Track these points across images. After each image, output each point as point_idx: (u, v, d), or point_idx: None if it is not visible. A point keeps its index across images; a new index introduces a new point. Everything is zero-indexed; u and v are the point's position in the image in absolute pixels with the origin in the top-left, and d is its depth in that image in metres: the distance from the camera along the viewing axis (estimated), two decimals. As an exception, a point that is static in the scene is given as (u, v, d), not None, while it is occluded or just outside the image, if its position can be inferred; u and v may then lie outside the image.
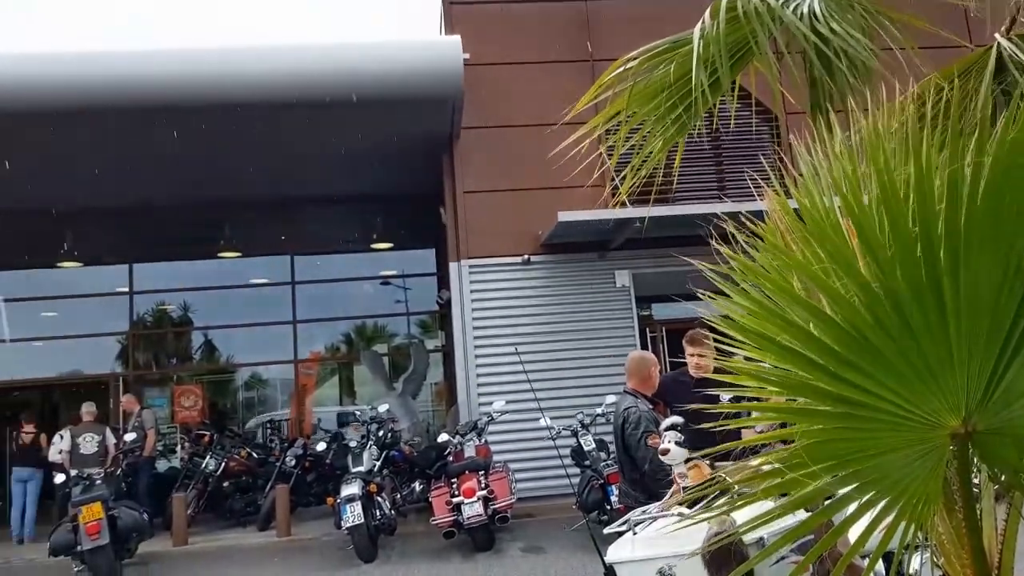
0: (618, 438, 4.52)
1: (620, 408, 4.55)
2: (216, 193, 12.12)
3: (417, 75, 9.13)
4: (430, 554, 7.93)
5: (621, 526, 3.54)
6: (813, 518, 1.77)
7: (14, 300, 13.73)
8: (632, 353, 5.10)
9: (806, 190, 1.90)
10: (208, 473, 10.43)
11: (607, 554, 3.48)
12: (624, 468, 4.58)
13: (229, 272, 13.95)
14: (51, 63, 8.86)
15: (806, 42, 2.80)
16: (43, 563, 8.71)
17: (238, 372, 14.57)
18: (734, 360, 1.81)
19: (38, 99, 8.61)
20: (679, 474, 3.71)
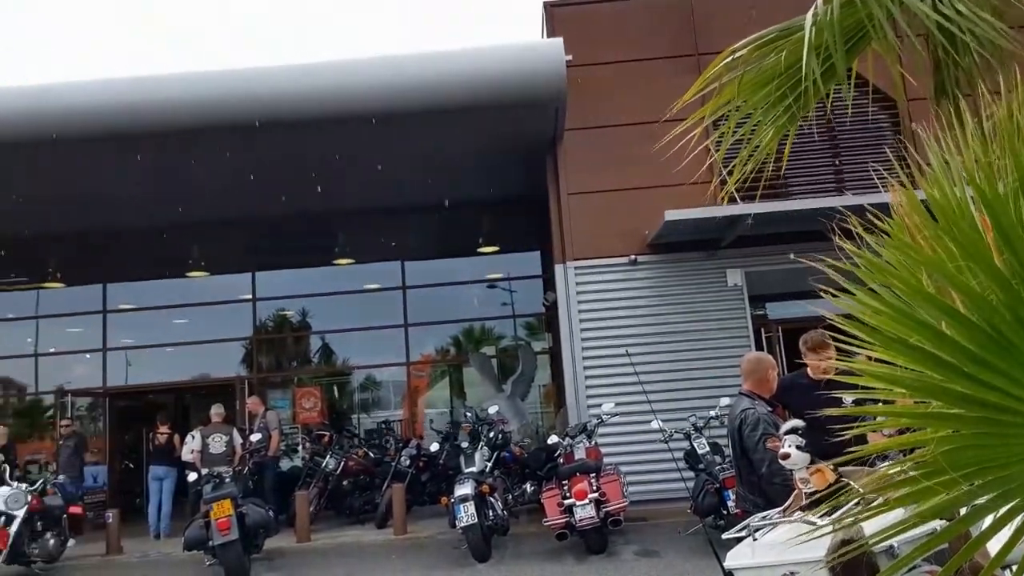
0: (735, 441, 4.41)
1: (736, 410, 4.44)
2: (330, 204, 12.58)
3: (520, 79, 9.20)
4: (543, 555, 7.96)
5: (740, 531, 3.45)
6: (951, 528, 1.67)
7: (149, 308, 14.70)
8: (748, 354, 4.98)
9: (935, 181, 1.80)
10: (328, 472, 10.84)
11: (726, 559, 3.40)
12: (741, 472, 4.46)
13: (344, 278, 14.46)
14: (167, 84, 9.40)
15: (929, 23, 2.66)
16: (178, 557, 9.27)
17: (353, 374, 15.06)
18: (857, 361, 1.74)
19: (162, 120, 9.13)
20: (801, 479, 3.59)
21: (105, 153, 9.84)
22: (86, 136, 9.21)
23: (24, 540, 8.80)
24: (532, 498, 9.80)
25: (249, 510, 8.22)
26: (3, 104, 9.18)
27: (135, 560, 9.75)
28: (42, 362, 14.96)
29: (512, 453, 10.20)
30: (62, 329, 14.95)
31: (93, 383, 14.39)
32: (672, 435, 8.12)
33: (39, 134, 9.13)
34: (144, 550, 10.27)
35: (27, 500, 8.84)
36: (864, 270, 1.75)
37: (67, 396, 14.27)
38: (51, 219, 12.37)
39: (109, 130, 9.13)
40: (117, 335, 14.47)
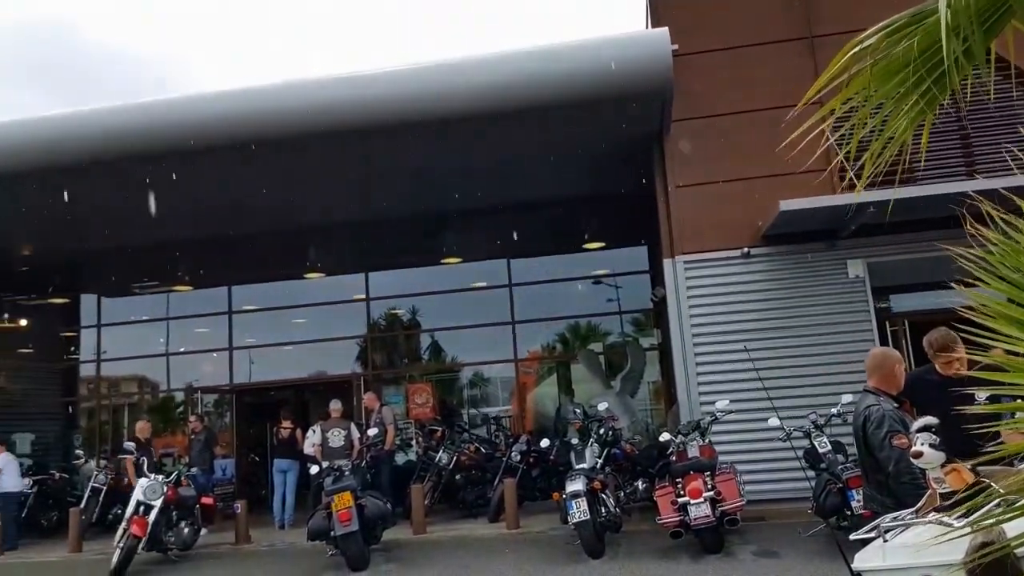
0: (859, 439, 4.23)
1: (861, 407, 4.26)
2: (437, 205, 12.85)
3: (625, 73, 9.08)
4: (657, 553, 7.86)
5: (869, 532, 3.32)
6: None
7: (270, 309, 15.41)
8: (874, 349, 4.78)
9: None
10: (441, 466, 11.07)
11: (854, 561, 3.27)
12: (868, 471, 4.28)
13: (451, 277, 14.73)
14: (276, 93, 9.80)
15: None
16: (302, 546, 9.66)
17: (463, 371, 15.32)
18: (994, 354, 1.63)
19: (277, 128, 9.52)
20: (935, 479, 3.41)
21: (234, 162, 10.38)
22: (221, 144, 9.70)
23: (161, 528, 9.38)
24: (644, 496, 9.70)
25: (368, 502, 8.49)
26: (157, 115, 9.77)
27: (263, 549, 10.25)
28: (173, 361, 15.93)
29: (622, 450, 10.12)
30: (191, 330, 15.87)
31: (220, 381, 15.21)
32: (791, 433, 7.87)
33: (174, 145, 9.69)
34: (271, 539, 10.78)
35: (163, 491, 9.41)
36: (1001, 256, 1.64)
37: (197, 393, 15.15)
38: (180, 227, 13.14)
39: (235, 138, 9.60)
40: (242, 335, 15.23)
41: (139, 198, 11.65)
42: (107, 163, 9.97)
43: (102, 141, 9.77)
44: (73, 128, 9.93)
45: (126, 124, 9.78)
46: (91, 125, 9.86)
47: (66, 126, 10.00)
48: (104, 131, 9.79)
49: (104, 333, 16.06)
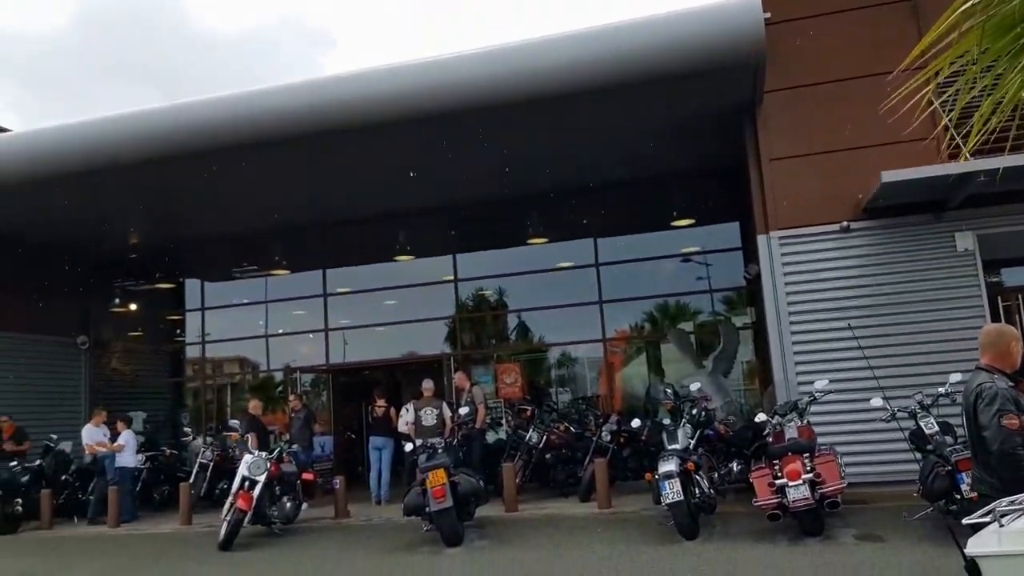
0: (970, 419, 4.03)
1: (972, 385, 4.06)
2: (523, 185, 12.85)
3: (716, 44, 8.82)
4: (754, 535, 7.71)
5: (983, 517, 3.17)
6: None
7: (363, 291, 15.79)
8: (988, 326, 4.53)
9: None
10: (531, 445, 11.13)
11: (967, 546, 3.13)
12: (977, 452, 4.08)
13: (538, 257, 14.74)
14: (367, 79, 9.94)
15: None
16: (398, 522, 9.91)
17: (550, 351, 15.35)
18: None
19: (376, 113, 9.65)
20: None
21: (327, 150, 10.64)
22: (313, 133, 9.92)
23: (265, 503, 9.78)
24: (739, 477, 9.52)
25: (461, 479, 8.63)
26: (258, 106, 10.10)
27: (361, 523, 10.57)
28: (272, 342, 16.57)
29: (716, 431, 9.93)
30: (288, 312, 16.45)
31: (316, 361, 15.72)
32: (895, 414, 7.57)
33: (270, 134, 9.99)
34: (368, 514, 11.10)
35: (267, 467, 9.80)
36: None
37: (295, 373, 15.71)
38: (277, 214, 13.60)
39: (330, 126, 9.80)
40: (336, 316, 15.67)
41: (238, 188, 12.15)
42: (209, 154, 10.36)
43: (205, 132, 10.15)
44: (178, 120, 10.33)
45: (224, 115, 10.12)
46: (195, 117, 10.26)
47: (169, 119, 10.42)
48: (207, 122, 10.17)
49: (207, 316, 16.81)
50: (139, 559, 9.23)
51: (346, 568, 7.77)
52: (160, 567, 8.67)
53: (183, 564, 8.66)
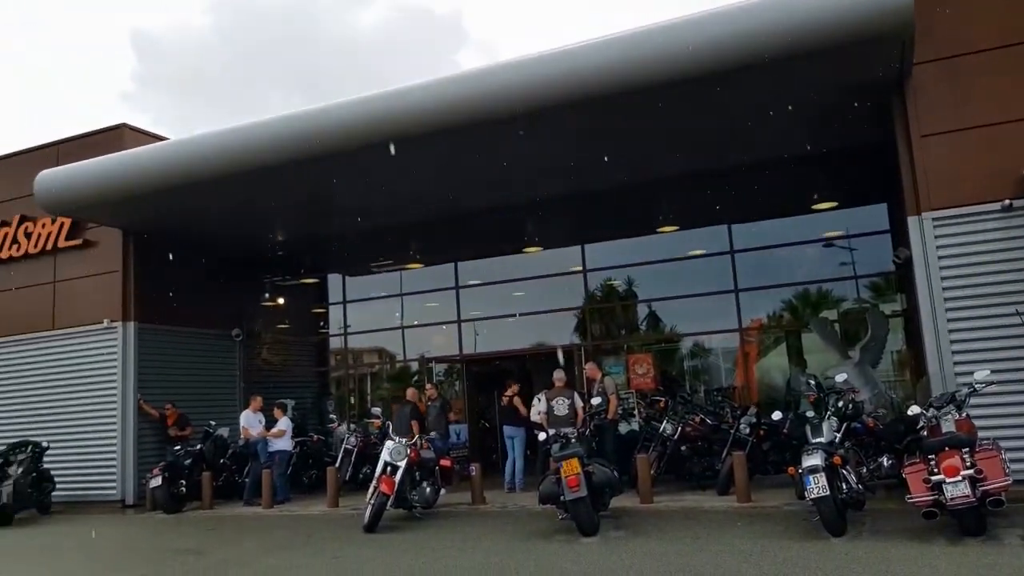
0: None
1: None
2: (653, 173, 12.65)
3: (860, 14, 8.31)
4: (907, 533, 7.29)
5: None
6: None
7: (493, 283, 16.05)
8: None
9: None
10: (666, 437, 10.96)
11: None
12: None
13: (669, 246, 14.47)
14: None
15: None
16: (533, 510, 10.02)
17: (683, 341, 15.06)
18: None
19: (516, 104, 9.72)
20: None
21: (458, 145, 10.87)
22: (449, 128, 10.16)
23: (406, 487, 10.12)
24: (889, 473, 9.03)
25: (595, 469, 8.61)
26: (388, 105, 10.44)
27: (497, 510, 10.76)
28: (407, 333, 17.13)
29: (864, 424, 9.45)
30: (422, 304, 16.95)
31: (450, 351, 16.11)
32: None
33: (404, 132, 10.30)
34: (503, 502, 11.29)
35: (407, 453, 10.13)
36: None
37: (430, 363, 16.17)
38: (411, 210, 14.04)
39: (464, 121, 10.00)
40: (468, 308, 16.00)
41: (377, 186, 12.61)
42: (348, 154, 10.81)
43: (347, 133, 10.60)
44: (320, 122, 10.83)
45: (364, 115, 10.53)
46: (336, 118, 10.72)
47: (312, 122, 10.94)
48: (348, 123, 10.60)
49: (348, 309, 17.57)
50: (292, 538, 9.78)
51: (484, 553, 7.93)
52: (312, 546, 9.14)
53: (332, 544, 9.10)
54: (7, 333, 15.04)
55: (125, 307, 14.07)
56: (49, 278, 14.80)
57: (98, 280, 14.31)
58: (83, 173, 12.70)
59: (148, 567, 8.51)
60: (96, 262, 14.43)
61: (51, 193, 12.98)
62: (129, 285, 14.14)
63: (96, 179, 12.58)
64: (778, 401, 12.53)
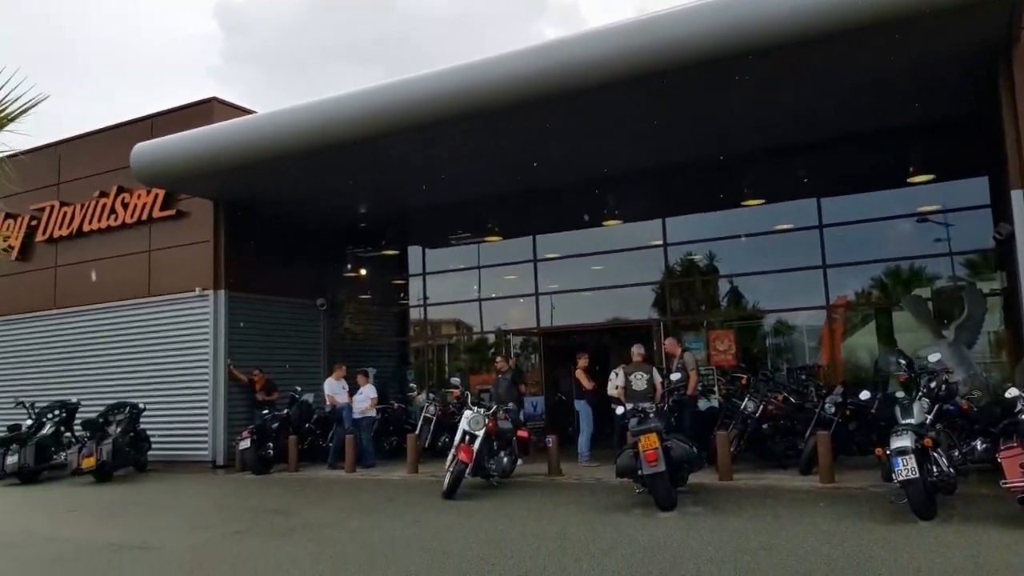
0: None
1: None
2: (738, 145, 12.33)
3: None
4: (1001, 520, 7.00)
5: None
6: None
7: (571, 256, 16.00)
8: None
9: None
10: (747, 414, 10.78)
11: None
12: None
13: (753, 220, 14.11)
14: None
15: None
16: (609, 483, 10.04)
17: (765, 318, 14.73)
18: None
19: (601, 73, 9.56)
20: None
21: (539, 117, 10.81)
22: (529, 101, 10.11)
23: (484, 456, 10.27)
24: (983, 456, 8.67)
25: (674, 445, 8.55)
26: (468, 78, 10.45)
27: (573, 482, 10.82)
28: (485, 306, 17.28)
29: (957, 406, 9.08)
30: (500, 277, 17.06)
31: (527, 324, 16.19)
32: None
33: (485, 105, 10.32)
34: (579, 474, 11.35)
35: (485, 423, 10.27)
36: None
37: (508, 335, 16.29)
38: (490, 183, 14.08)
39: (544, 93, 9.94)
40: (546, 281, 16.01)
41: (456, 158, 12.71)
42: (430, 126, 10.91)
43: (427, 106, 10.69)
44: (400, 96, 10.96)
45: (444, 88, 10.58)
46: (417, 91, 10.82)
47: (392, 95, 11.08)
48: (430, 95, 10.68)
49: (428, 281, 17.83)
50: (374, 501, 10.07)
51: (561, 523, 8.00)
52: (393, 509, 9.40)
53: (412, 509, 9.33)
54: (107, 299, 15.84)
55: (216, 276, 14.62)
56: (145, 247, 15.49)
57: (190, 249, 14.90)
58: (175, 146, 13.19)
59: (240, 524, 8.90)
60: (188, 232, 15.02)
61: (146, 165, 13.54)
62: (220, 254, 14.68)
63: (187, 151, 13.06)
64: (866, 380, 12.15)
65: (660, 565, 6.07)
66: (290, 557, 7.03)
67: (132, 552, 7.59)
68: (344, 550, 7.25)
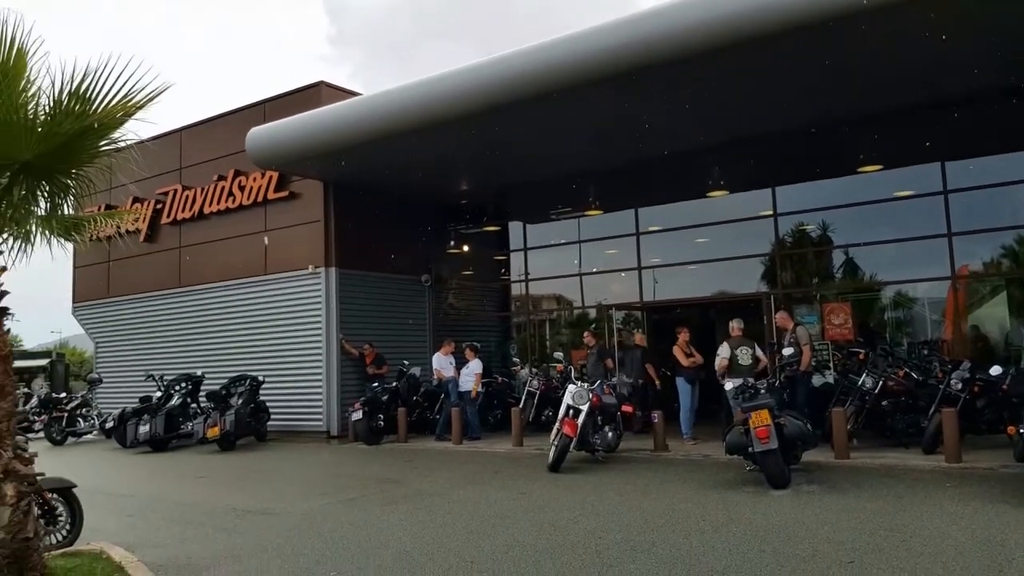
0: None
1: None
2: (854, 108, 11.71)
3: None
4: None
5: None
6: None
7: (675, 229, 15.66)
8: None
9: None
10: (865, 391, 10.31)
11: None
12: None
13: (870, 187, 13.39)
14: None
15: None
16: (718, 459, 9.87)
17: (884, 290, 14.02)
18: None
19: (704, 39, 9.27)
20: None
21: (639, 88, 10.57)
22: (628, 70, 9.90)
23: (588, 431, 10.24)
24: None
25: (787, 421, 8.29)
26: (566, 50, 10.32)
27: (679, 458, 10.67)
28: (586, 280, 17.18)
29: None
30: (601, 251, 16.89)
31: (630, 298, 15.99)
32: None
33: (587, 77, 10.15)
34: (685, 450, 11.18)
35: (589, 398, 10.23)
36: None
37: (611, 310, 16.14)
38: (592, 155, 13.91)
39: (647, 62, 9.70)
40: (648, 255, 15.75)
41: (557, 132, 12.61)
42: (530, 100, 10.85)
43: (526, 81, 10.63)
44: (498, 72, 10.95)
45: (545, 61, 10.48)
46: (515, 67, 10.77)
47: (490, 72, 11.08)
48: (528, 71, 10.61)
49: (529, 256, 17.86)
50: (480, 473, 10.23)
51: (669, 498, 7.90)
52: (499, 481, 9.52)
53: (518, 481, 9.42)
54: (227, 278, 16.63)
55: (327, 254, 15.11)
56: (260, 227, 16.15)
57: (303, 229, 15.44)
58: (287, 129, 13.66)
59: (353, 492, 9.22)
60: (301, 212, 15.56)
61: (260, 148, 14.08)
62: (330, 233, 15.16)
63: (298, 134, 13.50)
64: (996, 356, 11.40)
65: (774, 544, 5.90)
66: (401, 524, 7.23)
67: (255, 516, 7.99)
68: (453, 519, 7.39)
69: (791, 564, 5.37)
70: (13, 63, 4.95)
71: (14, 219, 5.35)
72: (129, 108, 5.05)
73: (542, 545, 6.21)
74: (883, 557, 5.44)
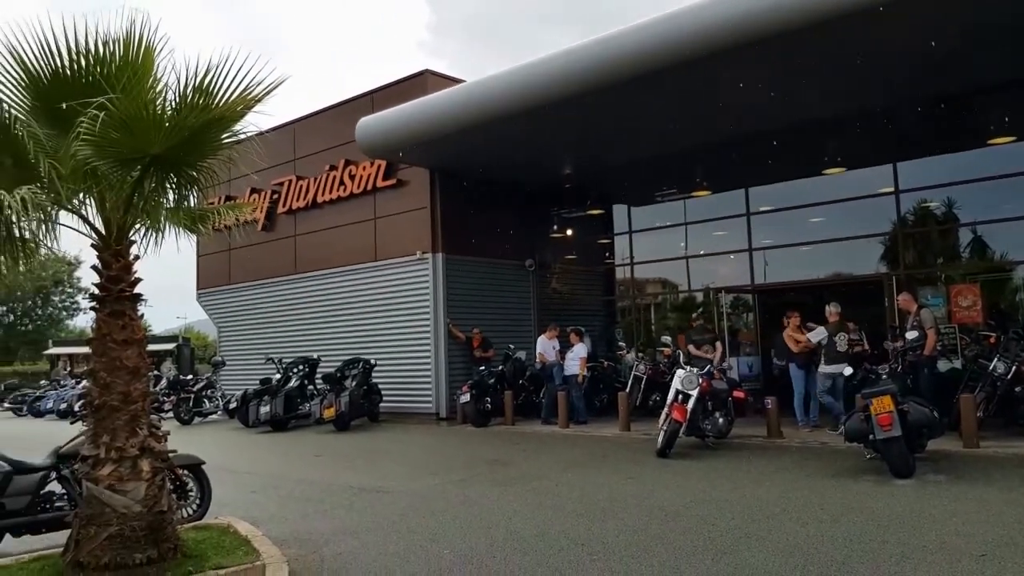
0: None
1: None
2: (984, 76, 10.94)
3: None
4: None
5: None
6: None
7: (787, 209, 15.11)
8: None
9: None
10: (996, 376, 9.69)
11: None
12: None
13: (1003, 160, 12.51)
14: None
15: None
16: (835, 447, 9.53)
17: (1016, 269, 13.12)
18: None
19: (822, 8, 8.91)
20: None
21: (748, 61, 10.22)
22: (739, 43, 9.60)
23: (698, 416, 10.07)
24: None
25: (911, 408, 7.89)
26: (672, 28, 10.10)
27: (794, 445, 10.34)
28: (692, 263, 16.84)
29: None
30: (709, 233, 16.49)
31: (740, 281, 15.57)
32: None
33: (697, 51, 9.90)
34: (800, 437, 10.82)
35: (698, 383, 10.05)
36: None
37: (720, 293, 15.78)
38: (698, 134, 13.55)
39: (755, 35, 9.38)
40: (759, 236, 15.28)
41: (660, 111, 12.37)
42: (634, 80, 10.67)
43: (630, 60, 10.48)
44: (603, 53, 10.81)
45: (641, 44, 10.29)
46: (618, 47, 10.62)
47: (594, 53, 10.95)
48: (625, 51, 10.46)
49: (634, 239, 17.65)
50: (588, 457, 10.23)
51: (783, 486, 7.67)
52: (607, 465, 9.50)
53: (626, 465, 9.37)
54: (339, 264, 17.22)
55: (434, 240, 15.41)
56: (370, 215, 16.61)
57: (410, 216, 15.79)
58: (394, 118, 13.97)
59: (463, 473, 9.41)
60: (408, 199, 15.91)
61: (369, 138, 14.47)
62: (436, 220, 15.44)
63: (406, 123, 13.78)
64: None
65: (897, 535, 5.65)
66: (511, 504, 7.33)
67: (370, 494, 8.27)
68: (562, 501, 7.43)
69: (917, 555, 5.13)
70: (142, 61, 5.22)
71: (145, 210, 5.66)
72: (248, 101, 5.23)
73: (653, 530, 6.16)
74: (1018, 551, 5.12)
